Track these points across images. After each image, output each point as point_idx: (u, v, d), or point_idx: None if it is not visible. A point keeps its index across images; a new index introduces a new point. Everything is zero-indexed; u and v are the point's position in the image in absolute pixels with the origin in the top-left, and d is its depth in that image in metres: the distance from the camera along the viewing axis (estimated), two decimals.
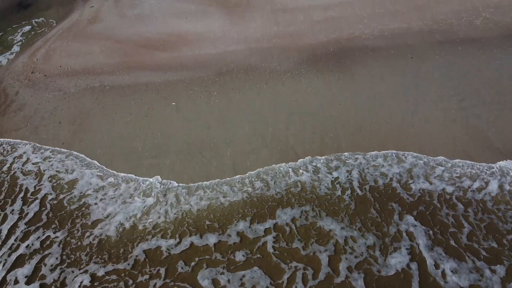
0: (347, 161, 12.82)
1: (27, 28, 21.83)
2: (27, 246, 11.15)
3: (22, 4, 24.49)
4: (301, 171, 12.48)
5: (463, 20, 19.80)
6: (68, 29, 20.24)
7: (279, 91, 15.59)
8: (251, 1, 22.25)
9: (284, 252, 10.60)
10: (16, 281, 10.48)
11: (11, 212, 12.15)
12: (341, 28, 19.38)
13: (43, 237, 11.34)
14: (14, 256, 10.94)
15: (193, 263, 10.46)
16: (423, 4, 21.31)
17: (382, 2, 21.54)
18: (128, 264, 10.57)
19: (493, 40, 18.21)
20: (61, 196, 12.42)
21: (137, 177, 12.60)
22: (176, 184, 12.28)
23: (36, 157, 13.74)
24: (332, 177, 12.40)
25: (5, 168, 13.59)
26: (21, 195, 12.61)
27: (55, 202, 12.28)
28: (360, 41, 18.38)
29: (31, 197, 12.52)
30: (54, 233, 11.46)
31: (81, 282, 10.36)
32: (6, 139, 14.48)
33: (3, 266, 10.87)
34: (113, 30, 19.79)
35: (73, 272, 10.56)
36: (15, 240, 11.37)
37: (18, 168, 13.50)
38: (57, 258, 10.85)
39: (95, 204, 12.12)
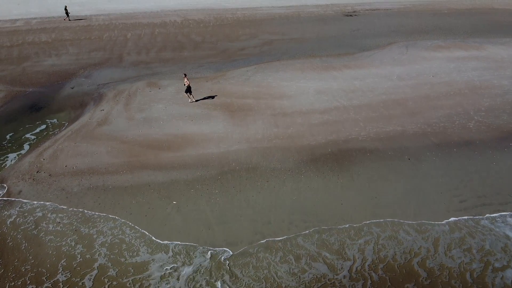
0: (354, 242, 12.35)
1: (41, 127, 22.80)
2: None
3: (34, 107, 25.98)
4: (305, 268, 11.89)
5: (456, 123, 20.79)
6: (78, 130, 21.18)
7: (279, 189, 15.68)
8: (252, 106, 23.68)
9: None
10: None
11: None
12: (338, 130, 20.26)
13: None
14: None
15: None
16: (415, 108, 22.61)
17: (376, 107, 22.88)
18: None
19: (487, 142, 18.88)
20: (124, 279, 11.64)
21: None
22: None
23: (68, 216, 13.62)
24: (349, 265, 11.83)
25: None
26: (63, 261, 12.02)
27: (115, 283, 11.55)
28: (357, 142, 19.07)
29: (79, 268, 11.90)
30: None
31: None
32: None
33: None
34: (121, 132, 20.70)
35: None
36: None
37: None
38: None
39: None
